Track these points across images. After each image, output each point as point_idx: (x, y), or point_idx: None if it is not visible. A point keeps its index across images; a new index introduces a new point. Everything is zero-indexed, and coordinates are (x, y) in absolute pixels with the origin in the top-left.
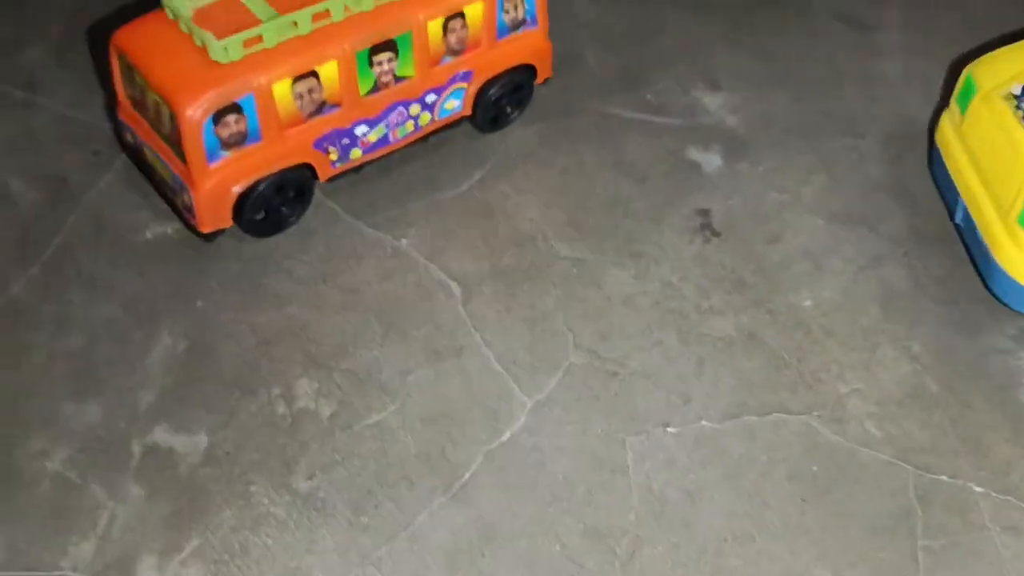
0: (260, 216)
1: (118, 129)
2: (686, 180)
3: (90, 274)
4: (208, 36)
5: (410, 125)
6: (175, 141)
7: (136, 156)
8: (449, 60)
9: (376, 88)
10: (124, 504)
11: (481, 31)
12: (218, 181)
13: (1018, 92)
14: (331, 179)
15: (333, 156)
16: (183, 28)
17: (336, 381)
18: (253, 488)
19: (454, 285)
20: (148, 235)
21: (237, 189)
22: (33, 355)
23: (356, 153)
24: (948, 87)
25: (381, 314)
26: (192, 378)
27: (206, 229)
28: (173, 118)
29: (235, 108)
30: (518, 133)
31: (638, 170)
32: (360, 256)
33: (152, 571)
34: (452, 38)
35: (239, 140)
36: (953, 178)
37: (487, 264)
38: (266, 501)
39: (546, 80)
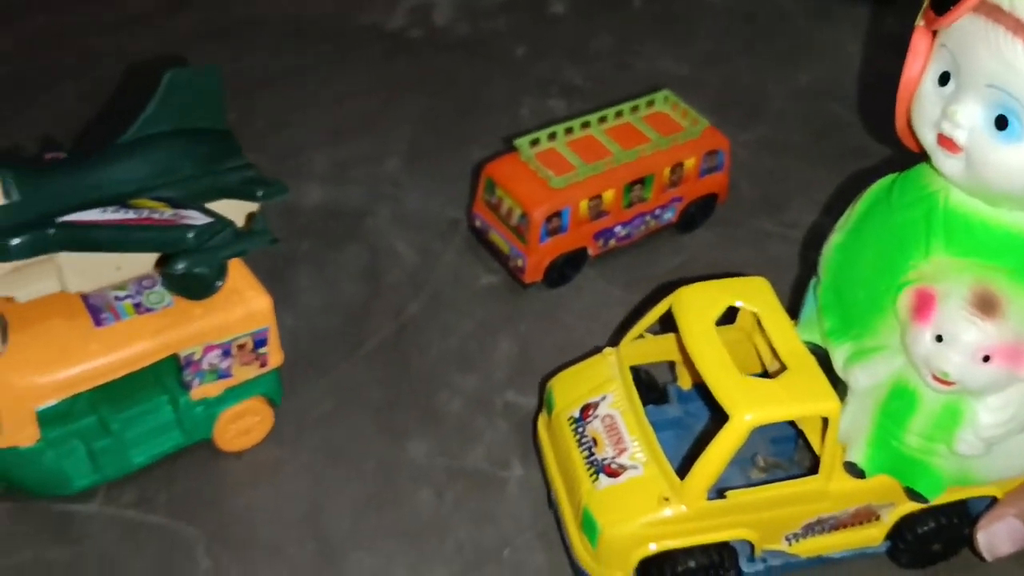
0: (556, 275)
1: (471, 217)
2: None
3: (453, 304)
4: (549, 173)
5: (644, 228)
6: (520, 230)
7: (479, 234)
8: (671, 190)
9: (630, 205)
10: (496, 430)
11: (691, 173)
12: (542, 253)
13: (577, 415)
14: (596, 256)
15: (600, 243)
16: (531, 167)
17: None
18: None
19: None
20: (483, 282)
21: (549, 259)
22: (432, 349)
23: (612, 243)
24: None
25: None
26: (523, 366)
27: (528, 280)
28: (524, 216)
29: (558, 214)
30: (702, 234)
31: (779, 263)
32: (611, 304)
33: (518, 465)
34: (674, 177)
35: (556, 231)
36: (547, 471)
37: None
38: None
39: (723, 202)
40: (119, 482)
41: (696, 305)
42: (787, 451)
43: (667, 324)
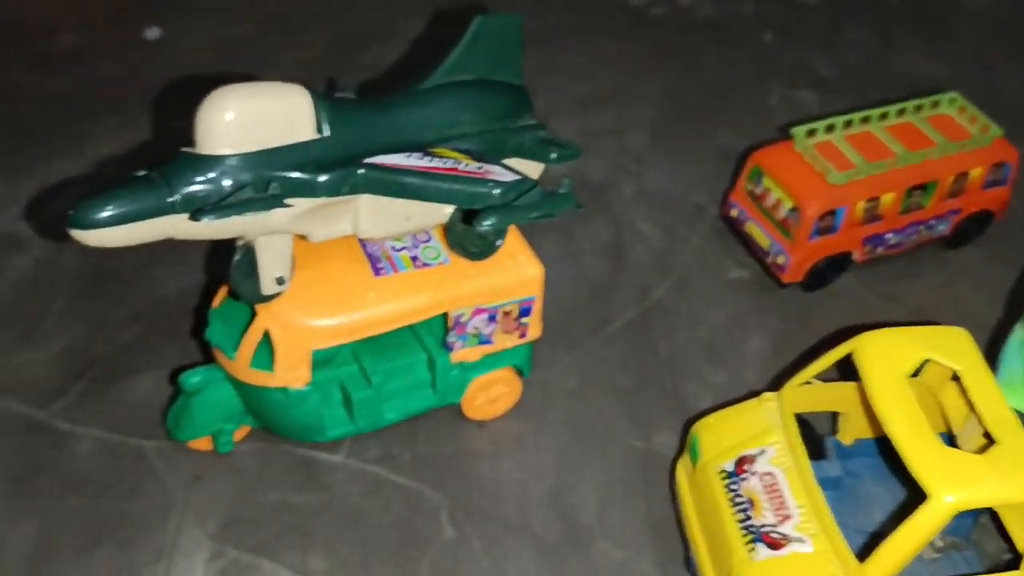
0: (815, 277)
1: (726, 205)
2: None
3: (701, 293)
4: (830, 166)
5: (915, 238)
6: (787, 225)
7: (734, 224)
8: (951, 200)
9: (906, 211)
10: None
11: (974, 184)
12: (808, 252)
13: (730, 469)
14: (859, 263)
15: (867, 249)
16: (806, 158)
17: None
18: None
19: None
20: (733, 275)
21: (813, 260)
22: (679, 337)
23: (880, 250)
24: None
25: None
26: (776, 367)
27: (787, 280)
28: (795, 211)
29: (832, 212)
30: (970, 252)
31: None
32: (869, 316)
33: None
34: (956, 187)
35: (827, 231)
36: (685, 525)
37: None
38: None
39: (1000, 219)
40: (363, 437)
41: (884, 354)
42: (965, 528)
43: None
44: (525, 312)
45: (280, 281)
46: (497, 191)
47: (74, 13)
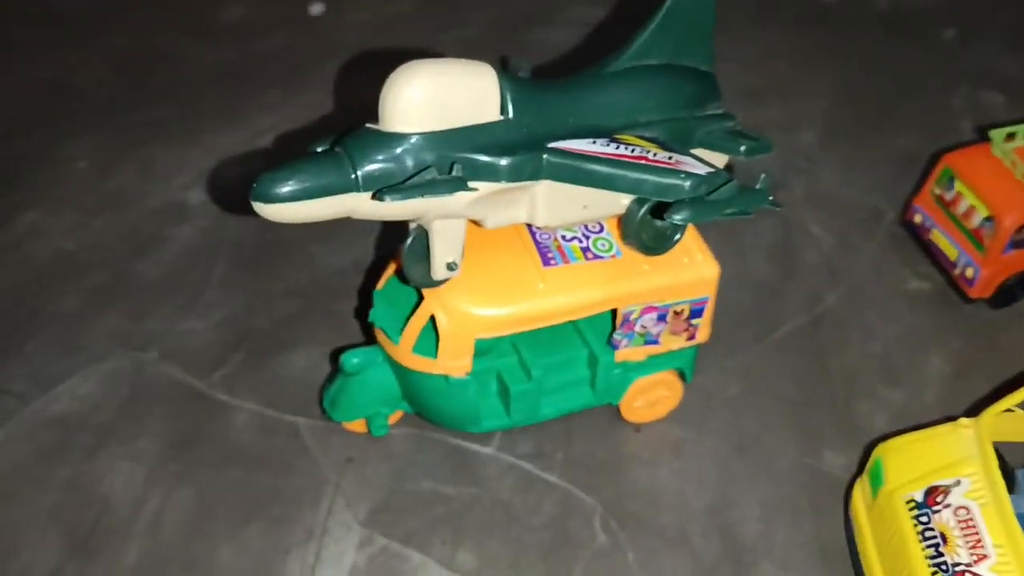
0: (1004, 294)
1: (909, 210)
2: None
3: (876, 304)
4: None
5: None
6: (979, 235)
7: (916, 231)
8: None
9: None
10: None
11: None
12: (1001, 266)
13: (920, 499)
14: None
15: None
16: (1006, 164)
17: None
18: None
19: None
20: (911, 286)
21: (1005, 275)
22: (851, 350)
23: None
24: None
25: None
26: (958, 390)
27: (974, 295)
28: (989, 220)
29: None
30: None
31: None
32: None
33: None
34: None
35: (1021, 244)
36: (860, 554)
37: None
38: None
39: None
40: (515, 431)
41: None
42: None
43: None
44: (696, 313)
45: (452, 267)
46: (689, 183)
47: None
